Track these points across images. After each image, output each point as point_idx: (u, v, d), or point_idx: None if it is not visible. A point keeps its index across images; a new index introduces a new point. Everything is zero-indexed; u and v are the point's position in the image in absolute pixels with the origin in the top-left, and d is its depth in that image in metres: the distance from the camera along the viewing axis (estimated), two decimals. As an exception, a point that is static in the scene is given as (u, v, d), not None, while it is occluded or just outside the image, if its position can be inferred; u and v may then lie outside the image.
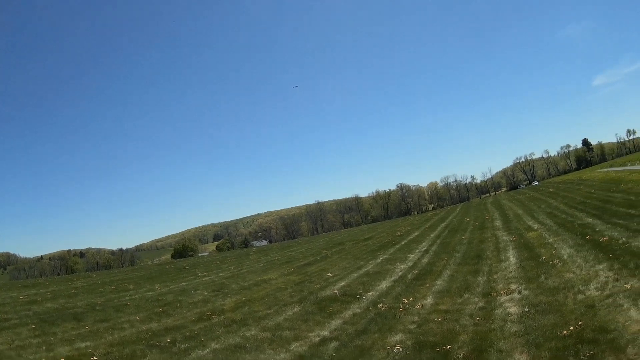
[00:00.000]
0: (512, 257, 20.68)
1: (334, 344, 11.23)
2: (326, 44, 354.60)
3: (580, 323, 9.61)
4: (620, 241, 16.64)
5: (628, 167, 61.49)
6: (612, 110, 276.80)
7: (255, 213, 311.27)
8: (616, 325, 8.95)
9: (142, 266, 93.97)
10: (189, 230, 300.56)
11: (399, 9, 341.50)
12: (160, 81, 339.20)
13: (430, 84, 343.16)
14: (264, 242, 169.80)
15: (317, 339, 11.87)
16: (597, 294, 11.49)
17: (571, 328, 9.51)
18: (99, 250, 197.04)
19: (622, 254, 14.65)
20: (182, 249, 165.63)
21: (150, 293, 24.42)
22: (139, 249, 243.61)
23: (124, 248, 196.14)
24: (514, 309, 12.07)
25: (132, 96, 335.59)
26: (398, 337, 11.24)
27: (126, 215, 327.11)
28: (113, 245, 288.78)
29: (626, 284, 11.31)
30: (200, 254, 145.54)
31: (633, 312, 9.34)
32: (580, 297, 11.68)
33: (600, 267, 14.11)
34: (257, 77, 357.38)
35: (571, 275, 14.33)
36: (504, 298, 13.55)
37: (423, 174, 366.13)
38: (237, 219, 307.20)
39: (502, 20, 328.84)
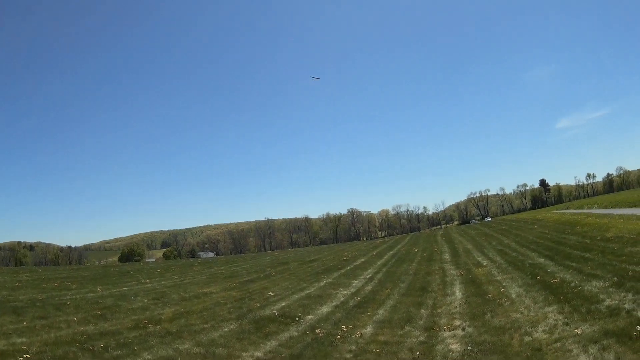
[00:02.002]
0: (458, 292, 20.90)
1: None
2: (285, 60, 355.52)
3: (525, 366, 9.59)
4: (573, 284, 16.97)
5: (585, 210, 64.03)
6: (574, 154, 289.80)
7: (205, 224, 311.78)
8: (564, 371, 8.97)
9: (88, 266, 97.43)
10: (138, 235, 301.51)
11: (364, 38, 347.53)
12: (117, 82, 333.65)
13: (391, 114, 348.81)
14: (211, 254, 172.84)
15: (250, 359, 11.87)
16: (545, 336, 11.57)
17: (516, 371, 9.48)
18: (48, 245, 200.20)
19: (574, 297, 14.90)
20: (129, 252, 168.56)
21: (91, 294, 24.78)
22: (87, 248, 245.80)
23: (73, 246, 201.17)
24: (456, 346, 12.03)
25: (90, 90, 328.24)
26: None
27: (78, 212, 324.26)
28: (63, 242, 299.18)
29: (576, 328, 11.43)
30: (147, 260, 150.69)
31: (583, 359, 9.38)
32: (527, 338, 11.74)
33: (550, 309, 14.29)
34: (217, 87, 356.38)
35: (518, 315, 14.48)
36: (446, 334, 13.53)
37: (375, 201, 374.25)
38: (186, 229, 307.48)
39: (469, 57, 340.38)
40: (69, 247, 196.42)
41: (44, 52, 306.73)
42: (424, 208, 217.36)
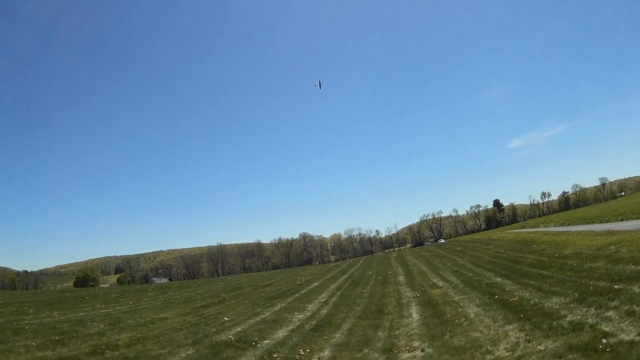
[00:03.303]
0: (415, 314, 21.00)
1: None
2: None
3: (489, 385, 9.54)
4: (532, 302, 17.20)
5: (541, 229, 65.66)
6: (528, 173, 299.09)
7: (158, 249, 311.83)
8: (529, 388, 8.95)
9: (44, 291, 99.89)
10: (92, 260, 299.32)
11: (314, 59, 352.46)
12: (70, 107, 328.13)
13: (341, 136, 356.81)
14: (164, 280, 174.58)
15: None
16: (507, 354, 11.62)
17: (479, 390, 9.41)
18: (5, 270, 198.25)
19: (534, 314, 15.08)
20: (84, 277, 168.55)
21: (49, 319, 25.10)
22: (43, 273, 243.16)
23: (29, 270, 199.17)
24: (416, 367, 11.90)
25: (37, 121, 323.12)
26: None
27: (33, 236, 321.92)
28: (19, 266, 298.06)
29: (539, 345, 11.51)
30: (101, 285, 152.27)
31: (548, 375, 9.40)
32: (488, 357, 11.79)
33: (510, 327, 14.41)
34: (165, 111, 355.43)
35: (478, 334, 14.57)
36: (405, 355, 13.50)
37: (327, 225, 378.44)
38: (139, 254, 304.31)
39: (422, 78, 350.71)
40: (25, 271, 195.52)
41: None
42: (377, 231, 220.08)
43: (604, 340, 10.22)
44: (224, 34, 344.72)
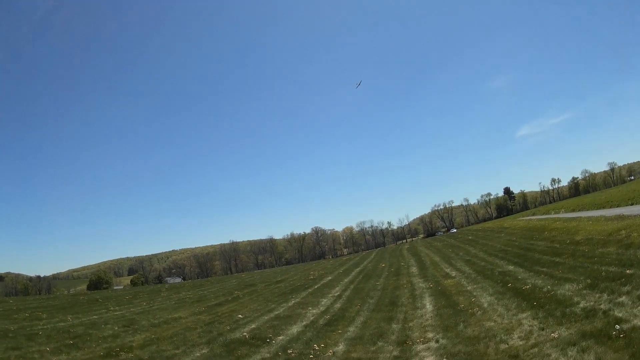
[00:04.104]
0: (428, 305, 20.97)
1: None
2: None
3: (503, 374, 9.56)
4: (545, 289, 17.20)
5: (551, 215, 65.24)
6: (537, 160, 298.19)
7: (170, 249, 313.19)
8: (544, 376, 8.96)
9: (57, 295, 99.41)
10: (105, 263, 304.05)
11: (320, 49, 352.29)
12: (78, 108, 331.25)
13: (350, 129, 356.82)
14: (178, 279, 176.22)
15: None
16: (521, 343, 11.61)
17: (494, 380, 9.45)
18: (17, 275, 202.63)
19: (547, 302, 15.07)
20: (97, 280, 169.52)
21: (62, 324, 25.40)
22: (55, 277, 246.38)
23: (42, 275, 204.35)
24: (431, 359, 11.98)
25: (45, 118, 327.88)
26: None
27: (45, 241, 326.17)
28: (31, 272, 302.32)
29: (553, 332, 11.51)
30: (115, 287, 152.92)
31: (562, 362, 9.41)
32: (502, 346, 11.76)
33: (524, 315, 14.41)
34: (175, 110, 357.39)
35: (492, 324, 14.56)
36: (420, 347, 13.48)
37: (339, 219, 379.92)
38: (152, 254, 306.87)
39: (429, 69, 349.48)
40: (38, 276, 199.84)
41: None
42: (389, 223, 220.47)
43: (617, 327, 10.22)
44: (227, 22, 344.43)
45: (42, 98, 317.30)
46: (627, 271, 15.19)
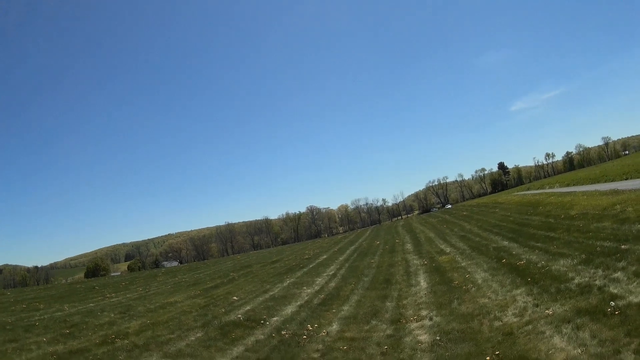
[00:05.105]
0: (422, 282, 20.97)
1: None
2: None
3: (497, 352, 9.51)
4: (539, 265, 17.12)
5: (546, 190, 65.28)
6: (531, 135, 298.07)
7: (166, 233, 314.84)
8: (538, 354, 8.90)
9: (55, 285, 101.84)
10: (102, 250, 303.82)
11: (313, 29, 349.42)
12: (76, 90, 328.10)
13: (343, 106, 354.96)
14: (175, 263, 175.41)
15: None
16: (515, 320, 11.56)
17: (487, 358, 9.41)
18: (15, 267, 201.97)
19: (542, 278, 15.00)
20: (94, 268, 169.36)
21: (59, 313, 25.35)
22: (53, 266, 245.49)
23: (39, 265, 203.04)
24: (424, 337, 11.97)
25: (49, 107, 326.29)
26: None
27: (41, 232, 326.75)
28: (29, 262, 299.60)
29: (547, 309, 11.43)
30: (112, 274, 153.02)
31: (556, 340, 9.34)
32: (496, 323, 11.73)
33: (518, 292, 14.36)
34: (170, 96, 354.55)
35: (486, 300, 14.53)
36: (413, 325, 13.47)
37: (334, 197, 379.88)
38: (148, 239, 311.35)
39: (421, 45, 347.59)
40: (36, 267, 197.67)
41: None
42: (383, 200, 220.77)
43: (612, 303, 10.11)
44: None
45: (27, 84, 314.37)
46: (623, 246, 15.07)
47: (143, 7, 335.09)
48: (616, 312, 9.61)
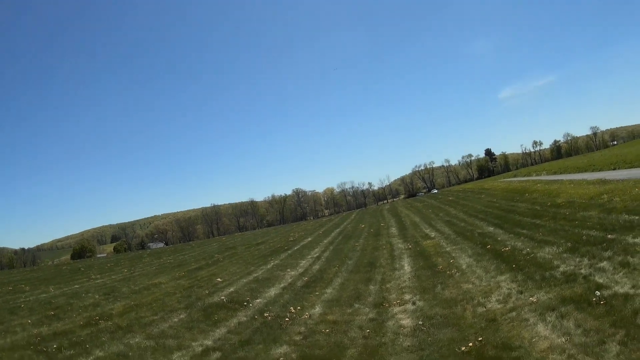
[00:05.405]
0: (407, 266, 20.92)
1: (216, 354, 11.50)
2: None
3: (480, 339, 9.44)
4: (524, 252, 17.06)
5: (533, 177, 65.68)
6: (518, 122, 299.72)
7: (152, 215, 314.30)
8: (521, 341, 8.84)
9: (41, 267, 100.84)
10: (88, 231, 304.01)
11: (302, 11, 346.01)
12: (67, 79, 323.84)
13: (329, 89, 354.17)
14: (160, 245, 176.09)
15: (200, 348, 12.11)
16: (499, 306, 11.50)
17: (470, 344, 9.32)
18: (2, 249, 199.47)
19: (526, 265, 14.94)
20: (80, 249, 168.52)
21: (44, 295, 25.52)
22: (40, 248, 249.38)
23: (26, 247, 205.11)
24: (407, 322, 11.91)
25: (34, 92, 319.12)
26: (283, 349, 11.28)
27: (27, 213, 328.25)
28: (16, 244, 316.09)
29: (532, 296, 11.37)
30: (98, 255, 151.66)
31: (540, 328, 9.27)
32: (480, 309, 11.67)
33: (502, 278, 14.30)
34: (154, 76, 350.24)
35: (470, 286, 14.49)
36: (396, 309, 13.42)
37: (320, 180, 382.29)
38: (134, 220, 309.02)
39: (409, 30, 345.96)
40: (22, 249, 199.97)
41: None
42: (369, 184, 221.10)
43: (598, 293, 10.03)
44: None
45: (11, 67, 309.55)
46: (609, 236, 15.02)
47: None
48: (601, 302, 9.54)
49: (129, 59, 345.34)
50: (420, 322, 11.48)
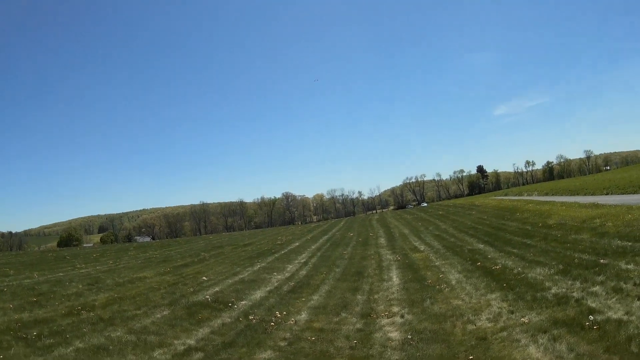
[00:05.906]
0: (395, 277, 20.85)
1: (198, 355, 11.31)
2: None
3: (471, 357, 9.33)
4: (515, 271, 17.03)
5: (524, 197, 65.94)
6: (512, 141, 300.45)
7: (141, 208, 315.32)
8: (513, 362, 8.69)
9: (27, 252, 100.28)
10: (76, 220, 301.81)
11: (300, 24, 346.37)
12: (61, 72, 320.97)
13: (326, 98, 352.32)
14: (147, 238, 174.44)
15: (182, 347, 11.96)
16: (489, 325, 11.39)
17: (460, 362, 9.17)
18: None
19: (518, 284, 14.88)
20: (67, 237, 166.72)
21: (28, 281, 25.35)
22: (27, 233, 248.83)
23: (13, 231, 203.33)
24: (395, 334, 11.78)
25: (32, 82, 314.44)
26: (267, 354, 11.14)
27: (16, 197, 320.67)
28: (3, 227, 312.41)
29: (523, 317, 11.28)
30: (85, 245, 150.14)
31: (532, 349, 9.15)
32: (470, 327, 11.55)
33: (493, 296, 14.22)
34: (149, 70, 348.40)
35: (460, 302, 14.39)
36: (384, 321, 13.28)
37: (310, 185, 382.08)
38: (122, 213, 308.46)
39: (406, 41, 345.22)
40: (10, 232, 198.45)
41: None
42: (359, 192, 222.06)
43: (591, 317, 9.94)
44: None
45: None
46: (602, 260, 15.00)
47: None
48: (594, 327, 9.45)
49: (122, 54, 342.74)
50: (409, 336, 11.32)
